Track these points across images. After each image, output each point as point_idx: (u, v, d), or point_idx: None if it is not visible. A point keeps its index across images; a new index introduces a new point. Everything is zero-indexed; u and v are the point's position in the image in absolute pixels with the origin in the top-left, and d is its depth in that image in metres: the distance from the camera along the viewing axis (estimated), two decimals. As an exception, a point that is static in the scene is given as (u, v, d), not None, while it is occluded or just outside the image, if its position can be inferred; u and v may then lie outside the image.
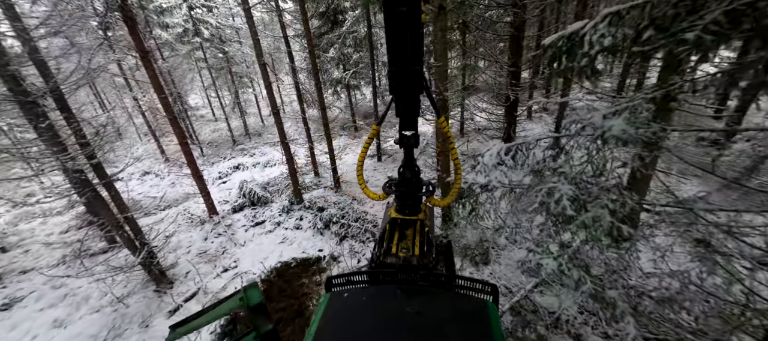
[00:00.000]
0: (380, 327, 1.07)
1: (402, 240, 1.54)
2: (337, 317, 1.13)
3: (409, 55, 1.07)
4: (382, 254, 1.50)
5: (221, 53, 17.62)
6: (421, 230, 1.56)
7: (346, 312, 1.15)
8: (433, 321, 1.06)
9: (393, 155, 13.80)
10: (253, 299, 1.47)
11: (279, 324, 5.81)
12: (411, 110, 1.29)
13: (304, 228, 8.86)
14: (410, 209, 1.55)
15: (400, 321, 1.07)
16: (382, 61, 16.37)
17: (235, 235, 9.10)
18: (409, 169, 1.49)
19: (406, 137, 1.40)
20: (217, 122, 24.37)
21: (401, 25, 0.99)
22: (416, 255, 1.45)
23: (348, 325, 1.10)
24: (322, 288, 6.36)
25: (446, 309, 1.11)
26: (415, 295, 1.17)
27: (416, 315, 1.08)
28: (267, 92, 8.94)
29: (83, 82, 5.79)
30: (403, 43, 1.04)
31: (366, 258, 7.31)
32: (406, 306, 1.12)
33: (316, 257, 7.62)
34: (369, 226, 8.34)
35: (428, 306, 1.12)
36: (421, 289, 1.21)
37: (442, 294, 1.20)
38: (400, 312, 1.11)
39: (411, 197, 1.52)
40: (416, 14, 1.01)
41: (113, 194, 6.18)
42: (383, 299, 1.18)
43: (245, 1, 7.78)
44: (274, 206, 10.15)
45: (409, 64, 1.10)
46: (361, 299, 1.19)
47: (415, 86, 1.17)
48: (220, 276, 7.34)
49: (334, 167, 10.70)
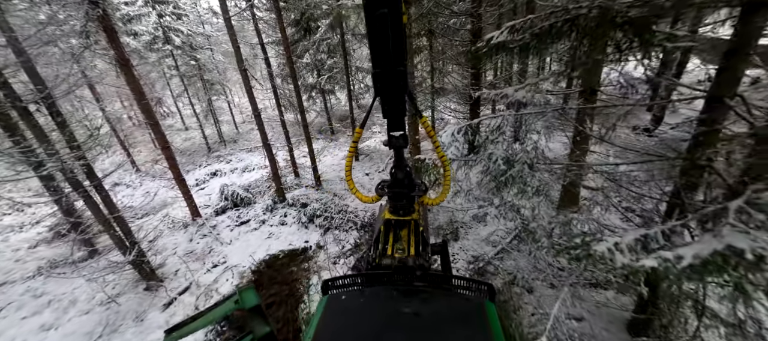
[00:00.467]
0: (377, 329, 1.06)
1: (397, 241, 1.55)
2: (335, 319, 1.13)
3: (392, 56, 1.08)
4: (378, 256, 1.50)
5: (193, 61, 17.59)
6: (416, 230, 1.58)
7: (344, 314, 1.15)
8: (430, 322, 1.07)
9: (370, 155, 14.55)
10: (249, 301, 1.43)
11: (272, 306, 6.32)
12: (397, 110, 1.29)
13: (289, 223, 9.36)
14: (404, 210, 1.56)
15: (398, 322, 1.07)
16: (355, 66, 17.14)
17: (221, 235, 9.39)
18: (400, 169, 1.50)
19: (394, 137, 1.41)
20: (187, 131, 23.93)
21: (383, 26, 1.00)
22: (412, 256, 1.45)
23: (345, 327, 1.09)
24: (312, 276, 6.93)
25: (444, 310, 1.11)
26: (412, 296, 1.17)
27: (414, 316, 1.08)
28: (248, 97, 9.40)
29: (74, 88, 6.05)
30: (386, 44, 1.05)
31: (349, 244, 7.96)
32: (403, 307, 1.12)
33: (302, 247, 8.18)
34: (351, 216, 9.02)
35: (425, 307, 1.12)
36: (418, 290, 1.21)
37: (439, 295, 1.20)
38: (398, 313, 1.11)
39: (404, 198, 1.53)
40: (397, 16, 1.01)
41: (103, 196, 6.42)
42: (380, 300, 1.18)
43: (225, 11, 8.26)
44: (257, 206, 10.53)
45: (392, 66, 1.11)
46: (358, 301, 1.19)
47: (399, 87, 1.18)
48: (211, 271, 7.68)
49: (314, 166, 11.27)
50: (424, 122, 1.44)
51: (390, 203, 1.59)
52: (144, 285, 7.27)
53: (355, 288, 1.26)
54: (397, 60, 1.10)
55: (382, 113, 1.30)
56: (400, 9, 1.01)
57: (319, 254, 7.84)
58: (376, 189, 1.66)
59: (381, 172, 12.46)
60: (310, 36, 15.33)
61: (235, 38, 8.66)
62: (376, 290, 1.23)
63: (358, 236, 8.23)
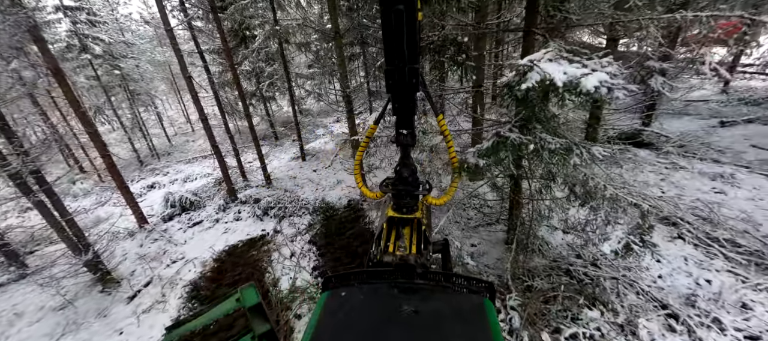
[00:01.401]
0: (377, 326, 1.06)
1: (399, 239, 1.54)
2: (335, 316, 1.12)
3: (406, 53, 1.07)
4: (380, 252, 1.50)
5: (117, 70, 16.62)
6: (419, 229, 1.57)
7: (343, 311, 1.14)
8: (430, 320, 1.07)
9: (315, 155, 15.62)
10: (249, 300, 1.35)
11: (239, 281, 7.16)
12: (407, 108, 1.29)
13: (244, 218, 10.04)
14: (408, 208, 1.56)
15: (398, 319, 1.08)
16: (295, 72, 18.03)
17: (174, 237, 9.63)
18: (406, 167, 1.50)
19: (402, 135, 1.41)
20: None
21: (398, 23, 0.99)
22: (413, 254, 1.45)
23: (345, 324, 1.08)
24: (272, 253, 7.88)
25: (443, 308, 1.11)
26: (412, 294, 1.18)
27: (414, 313, 1.09)
28: (194, 103, 9.89)
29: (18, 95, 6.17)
30: (400, 41, 1.04)
31: (304, 225, 9.07)
32: (403, 304, 1.13)
33: (260, 235, 9.02)
34: (303, 203, 10.12)
35: (425, 305, 1.12)
36: (419, 287, 1.21)
37: (439, 292, 1.20)
38: (398, 310, 1.11)
39: (408, 196, 1.53)
40: (412, 13, 1.00)
41: (54, 200, 6.56)
42: (380, 298, 1.18)
43: (167, 23, 8.76)
44: (209, 208, 10.91)
45: (406, 63, 1.11)
46: (359, 298, 1.19)
47: (412, 85, 1.17)
48: (170, 266, 8.09)
49: (263, 166, 12.01)
50: (440, 120, 1.47)
51: (393, 201, 1.60)
52: (99, 288, 7.41)
53: (355, 285, 1.26)
54: (411, 58, 1.10)
55: (392, 110, 1.32)
56: (416, 6, 1.00)
57: (276, 237, 8.80)
58: (380, 186, 1.66)
59: (327, 168, 13.66)
60: (248, 45, 15.84)
61: (179, 48, 9.16)
62: (377, 287, 1.23)
63: (310, 219, 9.38)
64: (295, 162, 15.09)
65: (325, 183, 11.79)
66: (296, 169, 14.27)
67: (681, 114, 12.86)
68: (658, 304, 4.82)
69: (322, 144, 16.81)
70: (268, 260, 7.74)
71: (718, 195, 7.19)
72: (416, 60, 1.13)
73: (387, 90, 1.24)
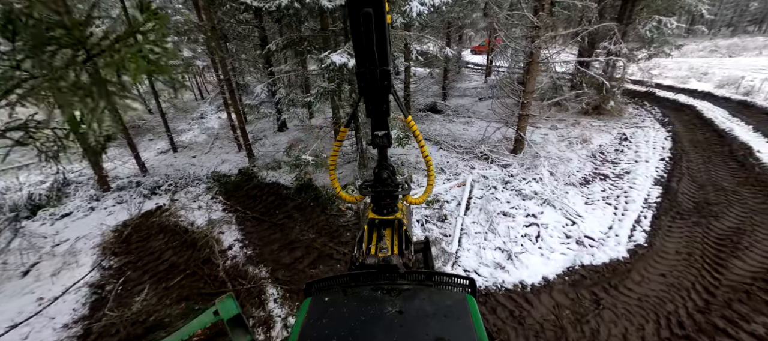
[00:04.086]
0: (362, 329, 1.08)
1: (380, 240, 1.58)
2: (318, 321, 1.13)
3: (376, 56, 1.10)
4: (362, 255, 1.53)
5: None
6: (400, 230, 1.62)
7: (327, 315, 1.15)
8: (415, 319, 1.09)
9: (189, 146, 15.82)
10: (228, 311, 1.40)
11: (160, 235, 8.24)
12: (381, 110, 1.32)
13: (128, 200, 10.27)
14: (388, 209, 1.61)
15: (383, 320, 1.10)
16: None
17: (33, 240, 8.95)
18: (384, 169, 1.55)
19: (378, 137, 1.46)
20: None
21: (367, 25, 1.01)
22: (395, 254, 1.50)
23: (329, 328, 1.09)
24: (179, 214, 9.16)
25: (427, 306, 1.14)
26: (396, 294, 1.20)
27: (398, 314, 1.11)
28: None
29: None
30: (370, 43, 1.06)
31: (202, 191, 10.45)
32: (387, 305, 1.16)
33: (156, 207, 9.74)
34: (194, 177, 11.29)
35: (409, 304, 1.15)
36: (402, 288, 1.24)
37: (422, 291, 1.22)
38: (382, 312, 1.13)
39: (388, 197, 1.58)
40: (381, 15, 1.03)
41: None
42: (364, 300, 1.19)
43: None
44: (75, 201, 10.33)
45: (377, 66, 1.14)
46: (342, 302, 1.20)
47: (384, 86, 1.21)
48: (58, 246, 8.07)
49: (136, 154, 11.96)
50: (409, 121, 1.50)
51: (373, 203, 1.65)
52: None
53: (338, 289, 1.26)
54: (381, 60, 1.14)
55: (366, 112, 1.35)
56: (384, 9, 1.03)
57: (175, 204, 9.86)
58: (359, 188, 1.71)
59: (206, 154, 14.53)
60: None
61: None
62: (360, 289, 1.25)
63: (207, 186, 10.78)
64: (166, 154, 15.01)
65: (209, 164, 12.91)
66: (170, 159, 14.37)
67: (463, 95, 20.64)
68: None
69: (193, 137, 17.03)
70: (176, 216, 9.01)
71: (463, 128, 13.56)
72: (387, 62, 1.17)
73: (359, 93, 1.29)
